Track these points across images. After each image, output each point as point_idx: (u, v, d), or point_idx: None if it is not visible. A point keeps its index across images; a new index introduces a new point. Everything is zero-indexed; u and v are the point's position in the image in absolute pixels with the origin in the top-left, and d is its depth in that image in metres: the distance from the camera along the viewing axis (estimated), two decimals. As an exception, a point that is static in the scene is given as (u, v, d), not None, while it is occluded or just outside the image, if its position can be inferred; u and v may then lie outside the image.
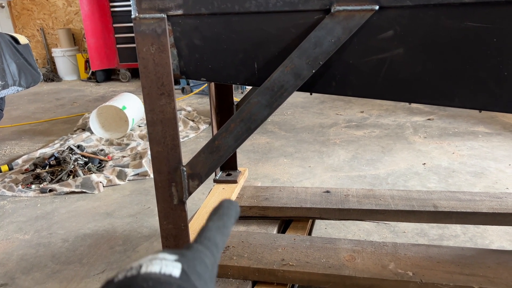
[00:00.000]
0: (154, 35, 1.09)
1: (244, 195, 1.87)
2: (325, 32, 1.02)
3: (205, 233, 0.38)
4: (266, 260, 1.43)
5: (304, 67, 1.05)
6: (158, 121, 1.17)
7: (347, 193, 1.84)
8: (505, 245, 1.87)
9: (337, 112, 4.28)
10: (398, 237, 1.97)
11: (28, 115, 4.74)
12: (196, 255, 0.35)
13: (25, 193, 2.64)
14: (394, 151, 3.10)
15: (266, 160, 3.04)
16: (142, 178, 2.82)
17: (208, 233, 0.38)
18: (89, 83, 6.76)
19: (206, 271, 0.34)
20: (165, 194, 1.24)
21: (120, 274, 0.31)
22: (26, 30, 7.60)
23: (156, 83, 1.13)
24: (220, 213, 0.41)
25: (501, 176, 2.59)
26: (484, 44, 1.02)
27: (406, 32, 1.04)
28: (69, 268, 1.86)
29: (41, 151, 3.34)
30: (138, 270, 0.31)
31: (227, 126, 1.14)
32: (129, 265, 0.32)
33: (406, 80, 1.09)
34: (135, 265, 0.32)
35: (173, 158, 1.20)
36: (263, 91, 1.09)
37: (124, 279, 0.30)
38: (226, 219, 0.40)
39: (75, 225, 2.24)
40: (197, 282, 0.31)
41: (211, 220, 0.40)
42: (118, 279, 0.31)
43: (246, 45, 1.11)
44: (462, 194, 1.77)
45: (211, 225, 0.39)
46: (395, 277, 1.31)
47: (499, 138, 3.29)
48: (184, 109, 4.39)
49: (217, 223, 0.39)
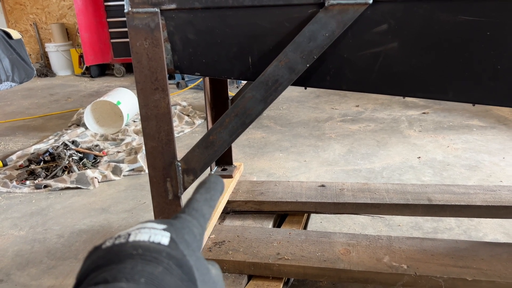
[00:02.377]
0: (148, 30, 1.09)
1: (239, 190, 1.87)
2: (319, 26, 1.02)
3: (192, 204, 0.39)
4: (261, 254, 1.43)
5: (298, 61, 1.05)
6: (152, 116, 1.17)
7: (342, 187, 1.85)
8: (499, 237, 1.89)
9: (333, 106, 4.28)
10: (393, 230, 1.98)
11: (22, 111, 4.70)
12: (184, 225, 0.35)
13: (19, 189, 2.63)
14: (389, 145, 3.11)
15: (261, 155, 3.04)
16: (138, 174, 2.81)
17: (196, 204, 0.39)
18: (83, 78, 6.72)
19: (194, 240, 0.34)
20: (160, 189, 1.24)
21: (108, 241, 0.31)
22: (19, 25, 7.53)
23: (150, 78, 1.12)
24: (207, 186, 0.41)
25: (495, 169, 2.61)
26: (478, 38, 1.02)
27: (400, 26, 1.04)
28: (64, 264, 1.85)
29: (35, 147, 3.32)
30: (126, 238, 0.31)
31: (222, 121, 1.14)
32: (117, 234, 0.32)
33: (401, 74, 1.09)
34: (123, 233, 0.32)
35: (168, 153, 1.20)
36: (257, 85, 1.09)
37: (112, 245, 0.30)
38: (213, 193, 0.41)
39: (71, 220, 2.24)
40: (186, 251, 0.32)
41: (198, 192, 0.40)
42: (106, 246, 0.31)
43: (240, 39, 1.10)
44: (456, 187, 1.78)
45: (198, 197, 0.40)
46: (390, 270, 1.32)
47: (493, 131, 3.31)
48: (179, 104, 4.37)
49: (204, 195, 0.40)
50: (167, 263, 0.29)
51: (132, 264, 0.28)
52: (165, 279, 0.28)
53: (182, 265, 0.30)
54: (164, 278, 0.28)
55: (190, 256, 0.32)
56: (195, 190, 0.41)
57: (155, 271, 0.28)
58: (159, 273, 0.28)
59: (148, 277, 0.28)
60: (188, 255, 0.31)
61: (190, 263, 0.31)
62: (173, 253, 0.31)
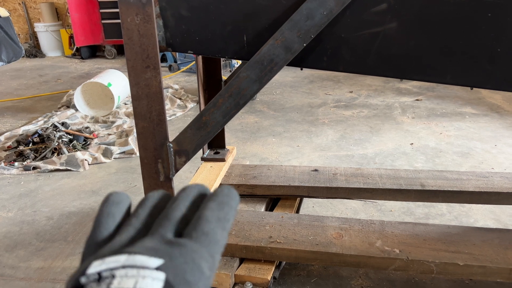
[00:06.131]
0: (139, 5, 1.04)
1: (232, 173, 1.86)
2: (317, 4, 0.98)
3: (201, 225, 0.29)
4: (253, 237, 1.42)
5: (295, 40, 1.02)
6: (143, 96, 1.13)
7: (335, 171, 1.84)
8: (490, 223, 1.90)
9: (326, 92, 4.26)
10: (385, 215, 1.98)
11: (11, 92, 4.61)
12: (188, 258, 0.26)
13: (8, 170, 2.59)
14: (382, 131, 3.11)
15: (254, 139, 3.02)
16: (128, 156, 2.78)
17: (206, 225, 0.29)
18: (73, 59, 6.59)
19: (200, 279, 0.26)
20: (151, 171, 1.22)
21: (86, 280, 0.25)
22: (7, 4, 7.33)
23: (141, 55, 1.08)
24: (219, 201, 0.31)
25: (487, 157, 2.62)
26: (478, 19, 0.99)
27: (400, 5, 1.01)
28: (54, 246, 1.83)
29: (24, 128, 3.26)
30: (108, 285, 0.24)
31: (215, 101, 1.11)
32: (101, 270, 0.25)
33: (399, 56, 1.07)
34: (106, 274, 0.24)
35: (159, 133, 1.17)
36: (252, 65, 1.06)
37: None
38: (227, 210, 0.31)
39: (60, 203, 2.20)
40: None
41: (209, 208, 0.30)
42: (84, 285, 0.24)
43: (235, 16, 1.07)
44: (449, 173, 1.78)
45: (209, 215, 0.30)
46: (382, 254, 1.32)
47: (485, 119, 3.32)
48: (171, 87, 4.31)
49: (217, 213, 0.30)
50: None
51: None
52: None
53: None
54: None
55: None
56: (204, 204, 0.31)
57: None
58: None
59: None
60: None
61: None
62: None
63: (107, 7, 5.95)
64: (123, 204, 0.33)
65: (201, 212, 0.30)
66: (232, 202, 0.32)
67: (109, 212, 0.32)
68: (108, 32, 6.11)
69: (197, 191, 0.33)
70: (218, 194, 0.32)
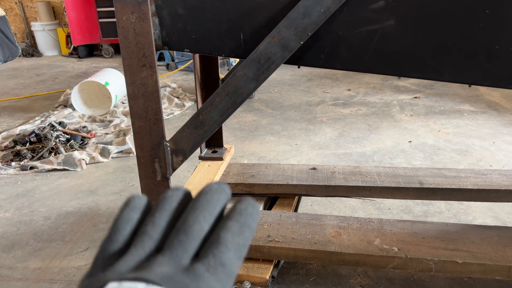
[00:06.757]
0: (135, 3, 1.03)
1: (230, 172, 1.85)
2: (314, 1, 0.98)
3: (219, 252, 0.26)
4: (252, 236, 1.41)
5: (292, 38, 1.01)
6: (139, 95, 1.12)
7: (334, 170, 1.83)
8: (488, 221, 1.90)
9: (324, 90, 4.25)
10: (383, 214, 1.98)
11: (7, 91, 4.59)
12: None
13: (5, 170, 2.57)
14: (381, 129, 3.10)
15: (252, 138, 3.01)
16: (126, 156, 2.77)
17: (225, 255, 0.26)
18: (70, 58, 6.56)
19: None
20: (148, 170, 1.21)
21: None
22: (3, 3, 7.30)
23: (137, 54, 1.08)
24: (242, 222, 0.28)
25: (485, 154, 2.62)
26: (476, 16, 0.99)
27: (397, 3, 1.00)
28: (51, 246, 1.82)
29: (21, 127, 3.24)
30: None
31: (212, 100, 1.10)
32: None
33: (396, 53, 1.06)
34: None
35: (156, 133, 1.16)
36: (249, 63, 1.05)
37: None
38: (247, 234, 0.27)
39: (57, 202, 2.19)
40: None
41: (229, 230, 0.27)
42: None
43: (232, 14, 1.06)
44: (447, 171, 1.78)
45: (229, 239, 0.27)
46: (381, 252, 1.31)
47: (484, 116, 3.32)
48: (169, 86, 4.30)
49: (237, 239, 0.27)
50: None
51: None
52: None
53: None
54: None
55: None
56: (225, 223, 0.28)
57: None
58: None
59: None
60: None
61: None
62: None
63: (104, 6, 5.93)
64: (144, 210, 0.31)
65: (221, 232, 0.27)
66: (254, 224, 0.29)
67: (129, 218, 0.30)
68: (105, 31, 6.09)
69: (218, 198, 0.30)
70: (241, 213, 0.29)
